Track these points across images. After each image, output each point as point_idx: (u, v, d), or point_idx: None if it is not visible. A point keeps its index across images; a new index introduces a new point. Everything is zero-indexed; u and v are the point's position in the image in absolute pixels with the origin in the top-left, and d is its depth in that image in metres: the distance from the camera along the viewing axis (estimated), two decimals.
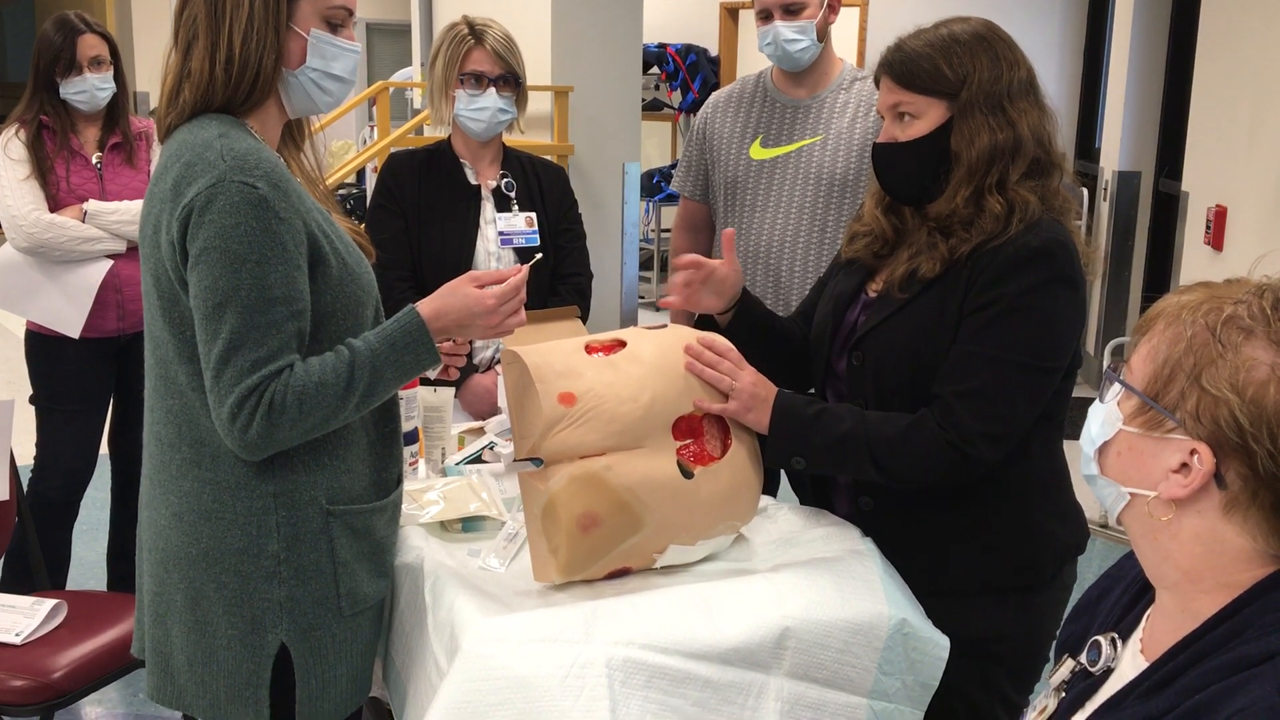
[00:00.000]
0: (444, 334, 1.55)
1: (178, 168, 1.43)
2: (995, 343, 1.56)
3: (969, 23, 1.64)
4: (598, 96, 4.98)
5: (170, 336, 1.48)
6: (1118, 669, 1.06)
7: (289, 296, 1.42)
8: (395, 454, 1.64)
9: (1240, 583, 0.95)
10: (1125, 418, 1.00)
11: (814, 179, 2.47)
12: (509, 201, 2.48)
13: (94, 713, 2.85)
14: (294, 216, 1.44)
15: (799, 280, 2.48)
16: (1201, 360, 0.94)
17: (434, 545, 1.66)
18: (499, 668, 1.35)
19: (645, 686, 1.38)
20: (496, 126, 2.43)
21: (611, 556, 1.54)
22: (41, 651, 2.17)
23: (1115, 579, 1.16)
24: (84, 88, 2.86)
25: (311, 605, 1.51)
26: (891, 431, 1.59)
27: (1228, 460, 0.93)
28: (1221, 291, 0.98)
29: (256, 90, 1.49)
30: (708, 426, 1.62)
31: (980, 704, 1.70)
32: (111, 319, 2.91)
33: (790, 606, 1.47)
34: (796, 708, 1.46)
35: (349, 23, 1.56)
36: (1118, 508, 1.02)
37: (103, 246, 2.87)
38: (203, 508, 1.49)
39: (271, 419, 1.40)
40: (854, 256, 1.77)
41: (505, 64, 2.39)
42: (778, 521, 1.78)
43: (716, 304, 1.81)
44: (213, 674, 1.51)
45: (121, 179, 2.94)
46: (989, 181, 1.59)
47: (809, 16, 2.41)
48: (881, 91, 1.68)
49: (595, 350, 1.60)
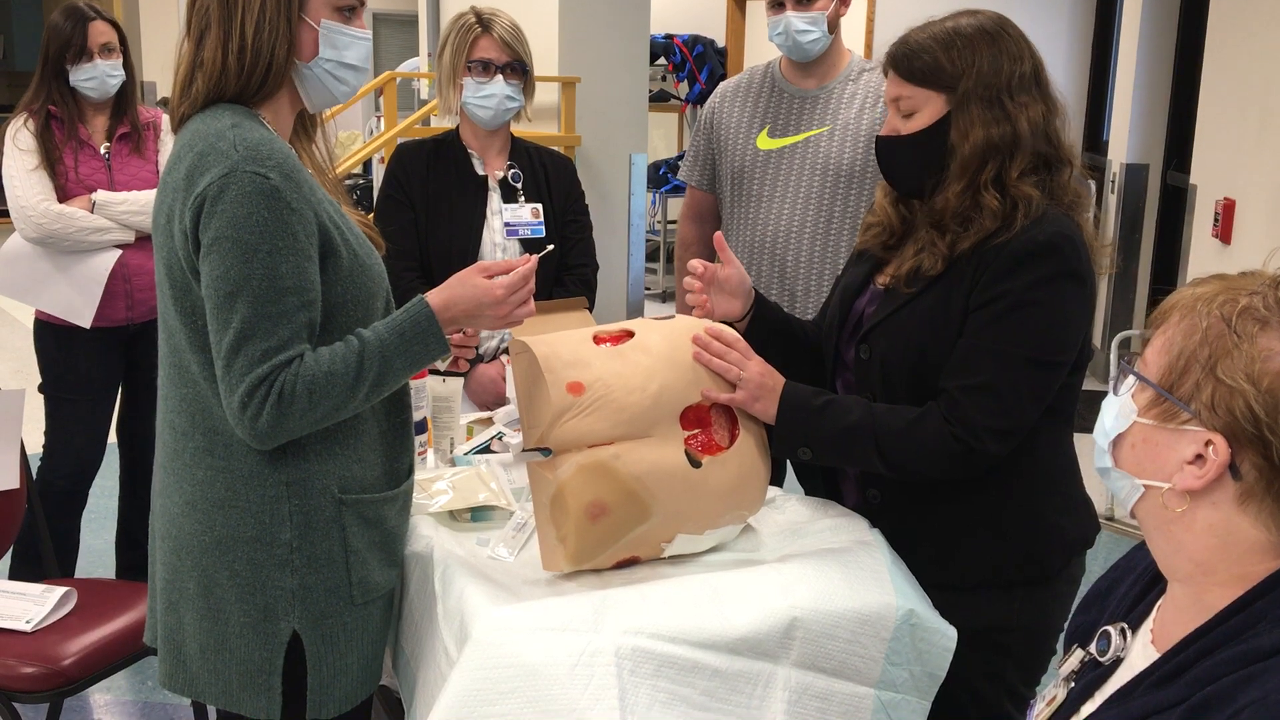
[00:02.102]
0: (453, 324, 1.56)
1: (191, 157, 1.44)
2: (1001, 337, 1.56)
3: (977, 16, 1.63)
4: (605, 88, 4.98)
5: (183, 326, 1.48)
6: (1127, 659, 1.06)
7: (300, 287, 1.42)
8: (407, 444, 1.65)
9: (1254, 574, 0.95)
10: (1140, 410, 1.00)
11: (821, 170, 2.46)
12: (515, 192, 2.48)
13: (103, 700, 2.87)
14: (305, 207, 1.44)
15: (804, 271, 2.48)
16: (1217, 351, 0.94)
17: (443, 534, 1.67)
18: (508, 656, 1.36)
19: (654, 675, 1.38)
20: (504, 114, 2.43)
21: (619, 545, 1.55)
22: (51, 639, 2.18)
23: (1125, 570, 1.16)
24: (94, 74, 2.86)
25: (324, 593, 1.51)
26: (898, 424, 1.59)
27: (1243, 451, 0.93)
28: (1236, 283, 0.98)
29: (269, 81, 1.50)
30: (715, 417, 1.62)
31: (987, 695, 1.70)
32: (120, 308, 2.92)
33: (798, 597, 1.48)
34: (804, 697, 1.47)
35: (360, 11, 1.56)
36: (1132, 500, 1.02)
37: (111, 237, 2.87)
38: (216, 496, 1.49)
39: (281, 408, 1.41)
40: (864, 247, 1.78)
41: (512, 51, 2.40)
42: (785, 512, 1.78)
43: (734, 306, 1.81)
44: (225, 661, 1.52)
45: (130, 169, 2.95)
46: (984, 177, 1.59)
47: (821, 8, 2.41)
48: (887, 84, 1.68)
49: (603, 340, 1.61)
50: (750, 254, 2.53)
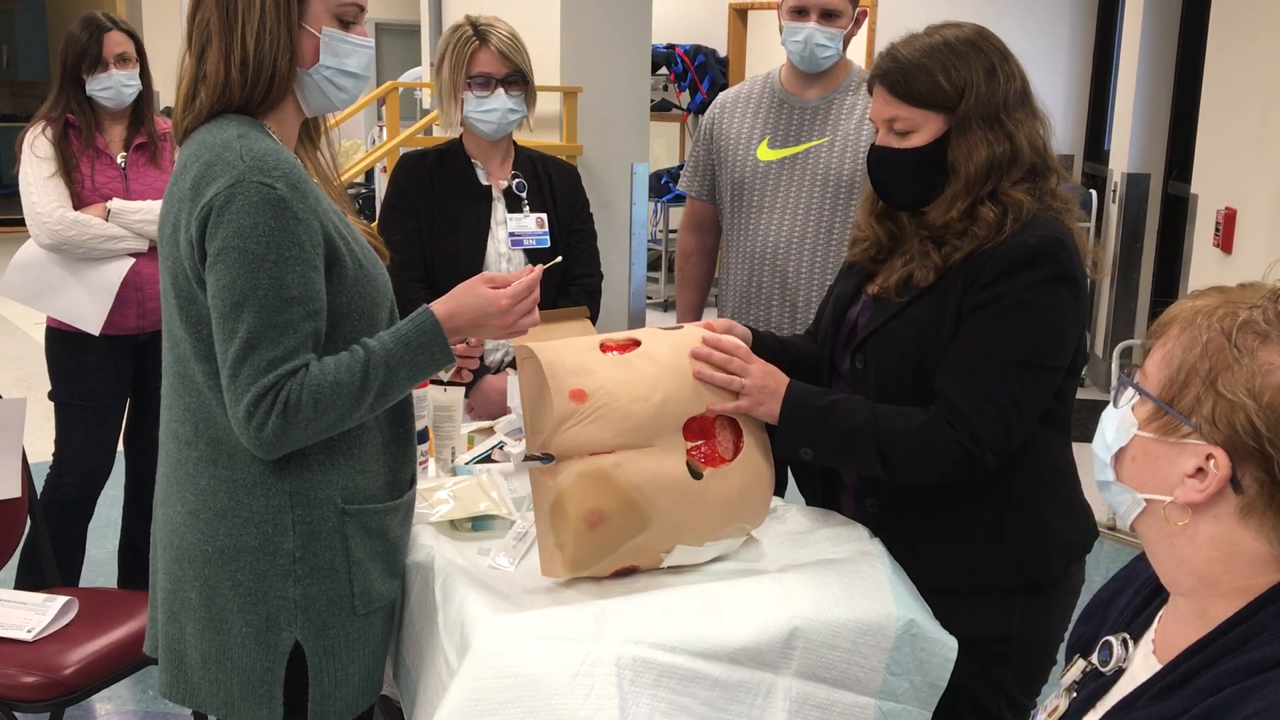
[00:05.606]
0: (458, 334, 1.56)
1: (197, 167, 1.44)
2: (997, 341, 1.57)
3: (962, 29, 1.63)
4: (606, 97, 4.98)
5: (188, 335, 1.49)
6: (1129, 670, 1.06)
7: (306, 296, 1.43)
8: (409, 454, 1.65)
9: (1256, 587, 0.95)
10: (1140, 423, 1.00)
11: (821, 180, 2.47)
12: (520, 202, 2.48)
13: (104, 710, 2.86)
14: (311, 217, 1.45)
15: (805, 281, 2.48)
16: (1217, 365, 0.94)
17: (444, 544, 1.67)
18: (509, 666, 1.36)
19: (654, 685, 1.38)
20: (507, 126, 2.42)
21: (618, 554, 1.55)
22: (52, 648, 2.18)
23: (1127, 580, 1.16)
24: (110, 84, 2.87)
25: (326, 604, 1.51)
26: (902, 428, 1.59)
27: (1244, 465, 0.93)
28: (1236, 296, 0.98)
29: (273, 91, 1.50)
30: (720, 428, 1.62)
31: (988, 705, 1.70)
32: (131, 317, 2.93)
33: (799, 606, 1.48)
34: (805, 707, 1.47)
35: (360, 19, 1.56)
36: (1133, 514, 1.02)
37: (125, 245, 2.89)
38: (219, 505, 1.49)
39: (287, 418, 1.41)
40: (853, 260, 1.79)
41: (512, 63, 2.37)
42: (786, 522, 1.78)
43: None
44: (226, 671, 1.52)
45: (146, 179, 2.96)
46: (984, 192, 1.60)
47: (841, 26, 2.42)
48: (875, 101, 1.66)
49: (610, 349, 1.61)
50: (751, 265, 2.53)
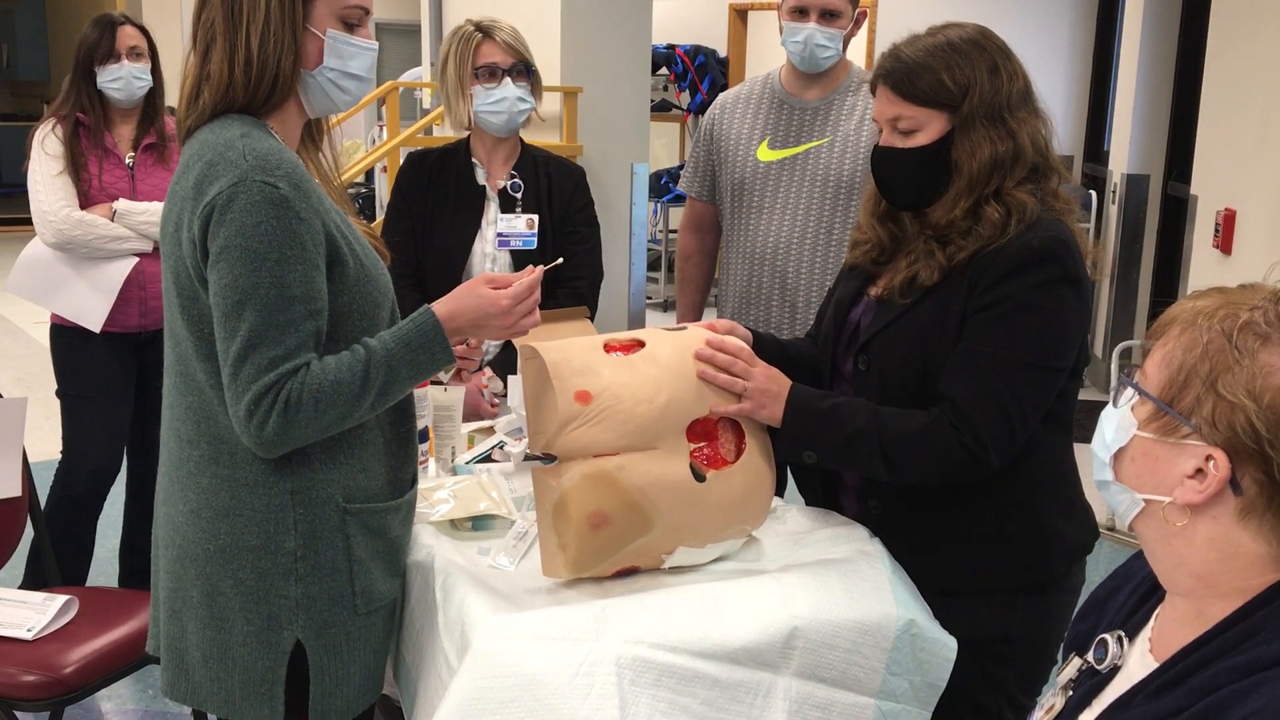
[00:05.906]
0: (459, 334, 1.56)
1: (200, 166, 1.45)
2: (1001, 342, 1.57)
3: (964, 29, 1.64)
4: (606, 97, 4.99)
5: (189, 334, 1.49)
6: (1125, 668, 1.07)
7: (307, 296, 1.43)
8: (411, 454, 1.65)
9: (1254, 587, 0.95)
10: (1140, 423, 1.00)
11: (821, 181, 2.47)
12: (514, 203, 2.47)
13: (105, 708, 2.87)
14: (313, 217, 1.45)
15: (805, 282, 2.49)
16: (1217, 366, 0.94)
17: (444, 543, 1.67)
18: (509, 665, 1.36)
19: (654, 685, 1.39)
20: (517, 117, 2.41)
21: (620, 555, 1.55)
22: (53, 647, 2.18)
23: (1124, 578, 1.16)
24: (121, 74, 2.88)
25: (327, 603, 1.52)
26: (905, 430, 1.59)
27: (1243, 466, 0.93)
28: (1236, 297, 0.98)
29: (276, 92, 1.50)
30: (722, 430, 1.62)
31: (988, 705, 1.70)
32: (134, 315, 2.94)
33: (798, 607, 1.48)
34: (804, 707, 1.47)
35: (365, 21, 1.57)
36: (1131, 514, 1.02)
37: (130, 245, 2.89)
38: (220, 504, 1.50)
39: (287, 417, 1.41)
40: (854, 263, 1.79)
41: (517, 54, 2.38)
42: (786, 522, 1.79)
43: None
44: (228, 670, 1.52)
45: (154, 179, 2.97)
46: (988, 191, 1.60)
47: (841, 26, 2.42)
48: (879, 101, 1.67)
49: (614, 349, 1.61)
50: (751, 265, 2.53)
